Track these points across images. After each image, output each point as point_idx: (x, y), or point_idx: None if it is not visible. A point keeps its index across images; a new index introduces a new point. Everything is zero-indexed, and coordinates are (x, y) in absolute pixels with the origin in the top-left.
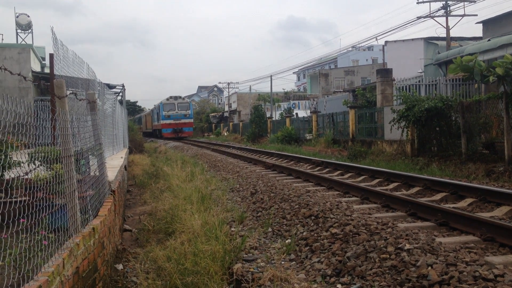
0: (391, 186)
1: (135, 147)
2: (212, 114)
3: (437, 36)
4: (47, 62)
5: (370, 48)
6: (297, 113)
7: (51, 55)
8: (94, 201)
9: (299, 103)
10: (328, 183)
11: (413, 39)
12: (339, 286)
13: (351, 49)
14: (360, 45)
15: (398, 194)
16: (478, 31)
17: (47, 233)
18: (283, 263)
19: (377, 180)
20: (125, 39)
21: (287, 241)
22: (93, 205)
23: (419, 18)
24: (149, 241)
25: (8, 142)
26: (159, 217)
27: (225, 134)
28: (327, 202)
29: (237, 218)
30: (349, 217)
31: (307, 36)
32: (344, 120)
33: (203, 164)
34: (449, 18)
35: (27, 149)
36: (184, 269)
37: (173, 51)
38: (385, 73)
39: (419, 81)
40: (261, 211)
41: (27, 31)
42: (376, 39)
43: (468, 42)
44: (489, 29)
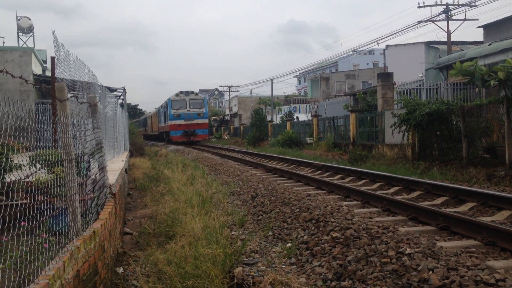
0: (392, 190)
1: (136, 150)
2: (213, 117)
3: (438, 40)
4: (48, 65)
5: (371, 52)
6: (297, 117)
7: (52, 58)
8: (94, 204)
9: (299, 106)
10: (328, 187)
11: (414, 43)
12: None
13: (352, 53)
14: (361, 49)
15: (399, 198)
16: (479, 36)
17: (48, 236)
18: (283, 267)
19: (378, 184)
20: (126, 42)
21: (287, 245)
22: (94, 208)
23: (420, 22)
24: (150, 245)
25: (9, 145)
26: (159, 220)
27: (226, 137)
28: (328, 206)
29: (238, 221)
30: (350, 221)
31: (307, 40)
32: (344, 124)
33: (204, 167)
34: (450, 22)
35: (28, 152)
36: (184, 273)
37: (173, 54)
38: (386, 77)
39: (420, 85)
40: (262, 215)
41: (29, 34)
42: (377, 43)
43: (469, 46)
44: (490, 33)
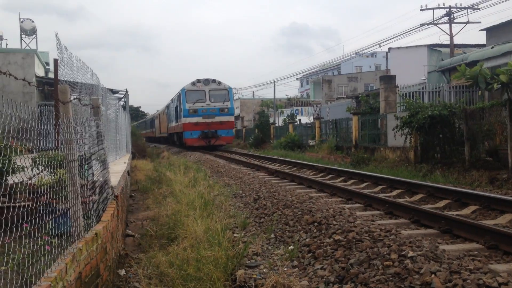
0: (394, 193)
1: (138, 152)
2: None
3: (441, 43)
4: (51, 67)
5: (373, 54)
6: (300, 119)
7: (55, 60)
8: (97, 206)
9: (302, 109)
10: (331, 189)
11: (416, 46)
12: None
13: (354, 55)
14: (363, 51)
15: (401, 201)
16: (481, 38)
17: (50, 238)
18: (286, 269)
19: (380, 186)
20: (128, 44)
21: (290, 248)
22: (96, 210)
23: (422, 25)
24: (152, 247)
25: (12, 146)
26: (161, 223)
27: None
28: (330, 208)
29: (240, 224)
30: (352, 223)
31: (310, 42)
32: (347, 126)
33: (206, 169)
34: (452, 25)
35: (31, 153)
36: (186, 275)
37: (176, 56)
38: (388, 79)
39: (423, 88)
40: (264, 217)
41: (32, 36)
42: (379, 46)
43: (471, 49)
44: (492, 36)
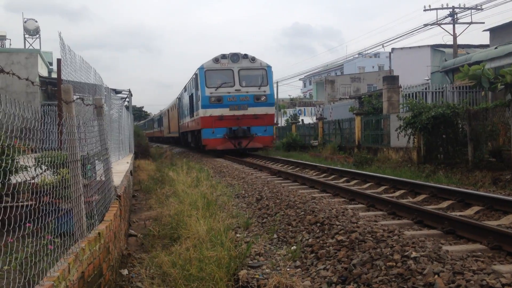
0: (397, 193)
1: (141, 152)
2: None
3: (444, 43)
4: (54, 67)
5: (376, 55)
6: (303, 120)
7: (58, 60)
8: (100, 206)
9: (305, 109)
10: (333, 189)
11: (419, 46)
12: None
13: (357, 56)
14: (366, 52)
15: (404, 201)
16: (485, 39)
17: (53, 238)
18: (288, 269)
19: (383, 187)
20: (130, 44)
21: (292, 248)
22: (99, 210)
23: (426, 25)
24: (154, 247)
25: (15, 146)
26: (164, 223)
27: None
28: (332, 209)
29: (243, 224)
30: (355, 224)
31: (312, 43)
32: (350, 127)
33: (209, 169)
34: (456, 25)
35: (34, 153)
36: (189, 275)
37: (178, 57)
38: (391, 80)
39: (426, 89)
40: (267, 217)
41: (35, 36)
42: (382, 46)
43: (475, 49)
44: (496, 36)
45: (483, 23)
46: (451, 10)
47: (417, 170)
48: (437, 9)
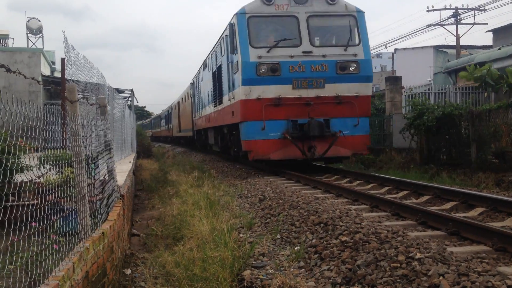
0: (401, 194)
1: (143, 151)
2: None
3: (447, 44)
4: (57, 66)
5: (379, 55)
6: None
7: (62, 60)
8: (103, 205)
9: None
10: (336, 190)
11: (422, 47)
12: None
13: None
14: None
15: (407, 202)
16: (488, 40)
17: (58, 237)
18: (292, 270)
19: (386, 188)
20: (133, 44)
21: (296, 248)
22: (103, 209)
23: (429, 26)
24: (157, 246)
25: (20, 145)
26: (167, 222)
27: None
28: (336, 209)
29: (246, 224)
30: (359, 225)
31: None
32: None
33: (211, 169)
34: (459, 26)
35: (37, 152)
36: (193, 275)
37: (181, 56)
38: (394, 80)
39: (429, 89)
40: (270, 218)
41: (38, 35)
42: (385, 47)
43: (478, 50)
44: (499, 37)
45: (486, 23)
46: (454, 10)
47: (420, 171)
48: (440, 9)
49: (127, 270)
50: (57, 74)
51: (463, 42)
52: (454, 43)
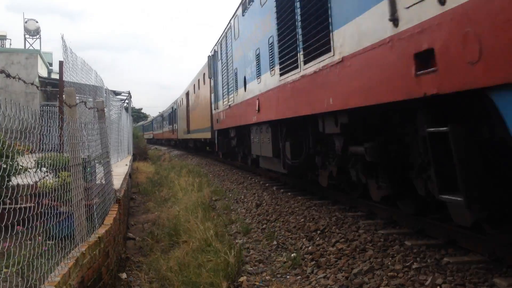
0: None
1: (139, 154)
2: None
3: None
4: (54, 67)
5: None
6: None
7: (60, 62)
8: (100, 209)
9: None
10: (333, 196)
11: None
12: None
13: None
14: None
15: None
16: None
17: (54, 242)
18: (288, 277)
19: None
20: (131, 46)
21: (292, 255)
22: (99, 213)
23: None
24: (153, 250)
25: (16, 148)
26: (162, 226)
27: None
28: (333, 216)
29: (242, 229)
30: (356, 232)
31: None
32: None
33: (208, 173)
34: None
35: (32, 153)
36: (188, 280)
37: (178, 59)
38: None
39: None
40: (266, 223)
41: (35, 37)
42: None
43: None
44: None
45: None
46: None
47: None
48: None
49: (123, 274)
50: (54, 75)
51: None
52: None
